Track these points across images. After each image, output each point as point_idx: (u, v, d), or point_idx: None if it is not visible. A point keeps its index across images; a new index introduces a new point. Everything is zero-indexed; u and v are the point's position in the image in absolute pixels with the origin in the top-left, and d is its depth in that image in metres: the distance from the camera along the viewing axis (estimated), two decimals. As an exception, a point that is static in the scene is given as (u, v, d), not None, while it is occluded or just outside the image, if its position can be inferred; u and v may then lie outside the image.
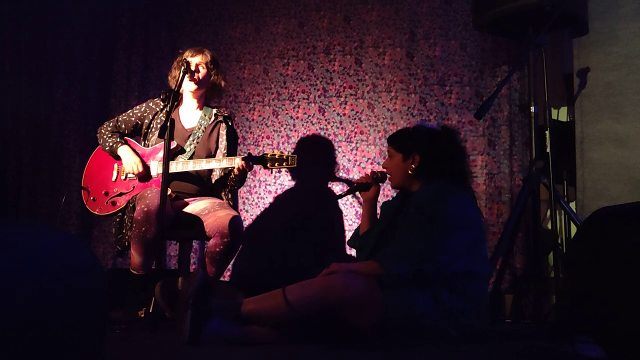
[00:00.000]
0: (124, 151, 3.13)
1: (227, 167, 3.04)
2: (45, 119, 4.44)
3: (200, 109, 3.24)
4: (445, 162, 2.39)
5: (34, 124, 4.44)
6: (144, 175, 3.09)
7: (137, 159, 3.09)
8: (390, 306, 2.11)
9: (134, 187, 3.09)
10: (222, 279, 3.88)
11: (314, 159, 3.92)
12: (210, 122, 3.21)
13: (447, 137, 2.46)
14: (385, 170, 2.57)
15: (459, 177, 2.40)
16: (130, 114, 3.26)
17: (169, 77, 3.28)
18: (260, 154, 2.94)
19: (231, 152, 3.19)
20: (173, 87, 3.17)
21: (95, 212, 3.14)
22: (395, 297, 2.13)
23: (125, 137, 3.22)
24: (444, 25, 3.76)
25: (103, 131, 3.23)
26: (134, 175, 3.11)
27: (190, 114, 3.23)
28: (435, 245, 2.17)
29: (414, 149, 2.41)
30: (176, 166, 3.02)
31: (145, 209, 2.76)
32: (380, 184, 2.67)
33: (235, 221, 2.87)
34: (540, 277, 3.05)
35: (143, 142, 3.21)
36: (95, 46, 4.48)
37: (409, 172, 2.41)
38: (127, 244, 2.94)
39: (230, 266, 3.99)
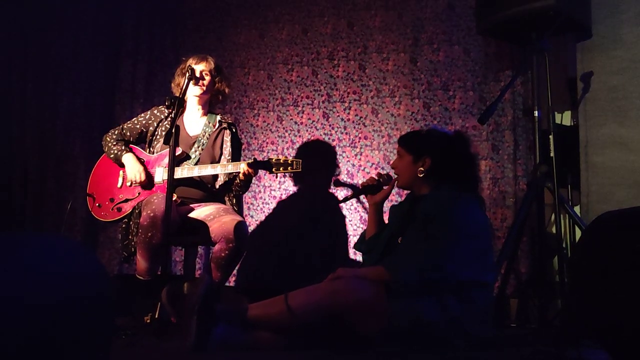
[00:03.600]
0: (128, 159, 3.14)
1: (232, 173, 3.05)
2: (50, 126, 4.45)
3: (204, 116, 3.25)
4: (456, 167, 2.38)
5: (40, 131, 4.46)
6: (147, 184, 3.11)
7: (140, 168, 3.11)
8: (396, 313, 2.11)
9: (139, 194, 3.10)
10: (227, 284, 3.89)
11: (318, 164, 3.93)
12: (214, 129, 3.22)
13: (459, 142, 2.45)
14: (392, 170, 2.55)
15: (468, 183, 2.39)
16: (135, 122, 3.27)
17: (172, 85, 3.29)
18: (265, 159, 2.95)
19: (235, 158, 3.20)
20: (177, 94, 3.19)
21: (101, 219, 3.15)
22: (402, 303, 2.13)
23: (130, 145, 3.24)
24: (447, 30, 3.77)
25: (108, 139, 3.25)
26: (137, 184, 3.12)
27: (195, 120, 3.24)
28: (443, 253, 2.17)
29: (425, 151, 2.40)
30: (181, 172, 3.03)
31: (152, 214, 2.77)
32: (386, 188, 2.65)
33: (240, 226, 2.88)
34: (545, 282, 3.04)
35: (148, 149, 3.23)
36: (100, 54, 4.50)
37: (418, 174, 2.40)
38: (133, 250, 2.95)
39: (235, 271, 4.00)
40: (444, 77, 3.75)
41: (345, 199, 2.79)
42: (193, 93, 3.16)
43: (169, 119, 3.20)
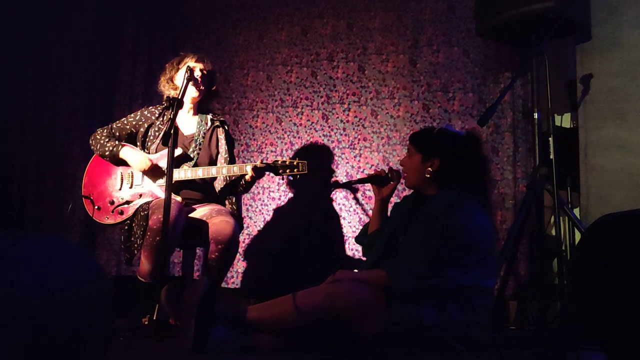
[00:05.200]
0: (127, 152, 3.09)
1: (233, 174, 3.05)
2: (50, 127, 4.45)
3: (196, 115, 3.25)
4: (464, 170, 2.35)
5: (39, 132, 4.46)
6: (154, 169, 3.07)
7: (144, 155, 3.08)
8: (395, 316, 2.10)
9: (141, 195, 3.09)
10: (226, 286, 3.89)
11: (317, 165, 3.91)
12: (207, 128, 3.22)
13: (470, 144, 2.42)
14: (401, 168, 2.54)
15: (476, 186, 2.36)
16: (125, 122, 3.23)
17: (162, 78, 3.23)
18: (272, 162, 2.96)
19: (230, 156, 3.22)
20: (166, 87, 3.18)
21: (104, 222, 3.11)
22: (401, 307, 2.12)
23: (122, 143, 3.19)
24: (447, 32, 3.77)
25: (98, 137, 3.18)
26: (141, 185, 3.09)
27: (188, 120, 3.23)
28: (445, 259, 2.15)
29: (435, 152, 2.37)
30: (185, 173, 3.02)
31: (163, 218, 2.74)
32: (393, 183, 2.65)
33: (230, 227, 2.88)
34: (544, 284, 3.04)
35: (143, 151, 3.20)
36: (99, 55, 4.50)
37: (426, 175, 2.38)
38: (136, 252, 2.93)
39: (234, 273, 4.00)
40: (443, 79, 3.75)
41: (351, 183, 2.79)
42: (190, 94, 3.14)
43: (161, 119, 3.19)
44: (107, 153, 3.13)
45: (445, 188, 2.35)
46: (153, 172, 3.09)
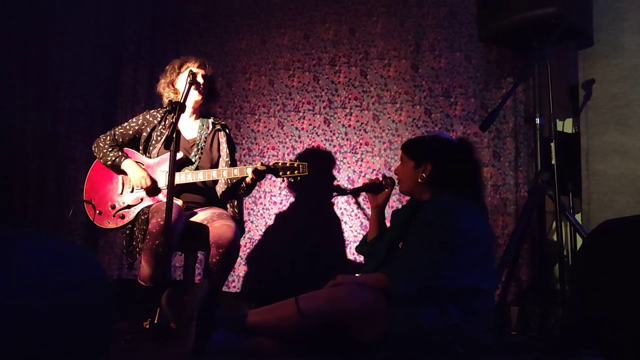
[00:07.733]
0: (129, 165, 3.11)
1: (234, 177, 3.05)
2: (51, 130, 4.46)
3: (197, 119, 3.25)
4: (457, 174, 2.37)
5: (41, 135, 4.46)
6: (152, 189, 3.09)
7: (144, 173, 3.08)
8: (396, 319, 2.10)
9: (142, 200, 3.09)
10: (227, 290, 3.88)
11: (319, 170, 3.91)
12: (209, 132, 3.23)
13: (461, 149, 2.44)
14: (395, 175, 2.57)
15: (470, 190, 2.38)
16: (127, 127, 3.23)
17: (162, 81, 3.22)
18: (273, 164, 2.96)
19: (232, 160, 3.22)
20: (165, 90, 3.18)
21: (103, 227, 3.12)
22: (402, 310, 2.12)
23: (125, 149, 3.21)
24: (449, 37, 3.77)
25: (101, 145, 3.18)
26: (142, 190, 3.10)
27: (189, 124, 3.24)
28: (443, 261, 2.16)
29: (426, 157, 2.41)
30: (186, 177, 3.03)
31: (162, 222, 2.74)
32: (387, 190, 2.66)
33: (230, 231, 2.88)
34: (545, 289, 3.04)
35: (145, 155, 3.20)
36: (101, 58, 4.51)
37: (419, 180, 2.40)
38: (137, 256, 2.93)
39: (235, 277, 3.99)
40: (445, 84, 3.75)
41: (346, 192, 2.80)
42: (193, 98, 3.14)
43: (163, 123, 3.19)
44: (109, 163, 3.14)
45: (438, 193, 2.37)
46: (149, 191, 3.09)
